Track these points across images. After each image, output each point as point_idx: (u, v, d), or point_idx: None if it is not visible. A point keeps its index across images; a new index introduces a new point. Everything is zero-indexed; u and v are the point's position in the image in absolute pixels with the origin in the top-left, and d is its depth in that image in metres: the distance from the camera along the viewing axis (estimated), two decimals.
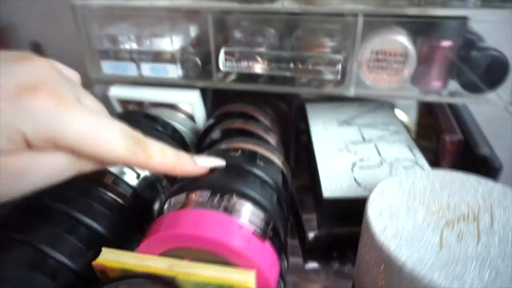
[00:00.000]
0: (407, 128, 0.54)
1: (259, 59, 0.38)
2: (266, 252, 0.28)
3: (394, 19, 0.37)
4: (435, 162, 0.44)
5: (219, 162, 0.29)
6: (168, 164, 0.23)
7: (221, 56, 0.38)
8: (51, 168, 0.20)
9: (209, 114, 0.48)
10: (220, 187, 0.30)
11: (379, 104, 0.52)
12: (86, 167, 0.22)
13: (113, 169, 0.34)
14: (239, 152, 0.35)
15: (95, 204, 0.30)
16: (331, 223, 0.36)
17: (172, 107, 0.48)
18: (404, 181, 0.30)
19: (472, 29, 0.40)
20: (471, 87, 0.36)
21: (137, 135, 0.22)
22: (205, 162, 0.27)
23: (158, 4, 0.40)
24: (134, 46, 0.43)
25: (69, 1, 0.41)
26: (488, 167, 0.37)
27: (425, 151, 0.42)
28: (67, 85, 0.20)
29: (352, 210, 0.32)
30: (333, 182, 0.37)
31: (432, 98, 0.38)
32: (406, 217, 0.26)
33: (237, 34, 0.41)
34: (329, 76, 0.37)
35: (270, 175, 0.33)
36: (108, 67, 0.45)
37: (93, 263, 0.27)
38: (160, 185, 0.38)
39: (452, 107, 0.45)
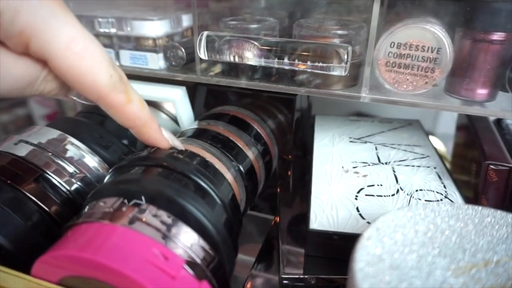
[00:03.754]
0: (441, 156, 0.43)
1: (248, 47, 0.30)
2: None
3: (425, 3, 0.28)
4: (474, 200, 0.33)
5: (179, 145, 0.26)
6: (142, 118, 0.21)
7: (203, 41, 0.31)
8: (16, 75, 0.17)
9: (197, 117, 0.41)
10: (156, 196, 0.22)
11: (407, 123, 0.42)
12: (50, 90, 0.19)
13: (43, 164, 0.27)
14: (186, 154, 0.27)
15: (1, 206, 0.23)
16: (317, 265, 0.26)
17: (155, 105, 0.41)
18: (420, 217, 0.21)
19: None
20: None
21: (121, 72, 0.20)
22: (169, 137, 0.25)
23: None
24: (114, 30, 0.37)
25: None
26: None
27: (461, 187, 0.32)
28: None
29: (347, 251, 0.22)
30: (327, 211, 0.27)
31: (474, 110, 0.28)
32: (413, 275, 0.16)
33: (231, 21, 0.34)
34: (335, 72, 0.29)
35: (220, 191, 0.25)
36: None
37: None
38: None
39: (501, 128, 0.35)
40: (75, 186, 0.27)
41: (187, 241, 0.22)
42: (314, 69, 0.29)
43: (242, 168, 0.31)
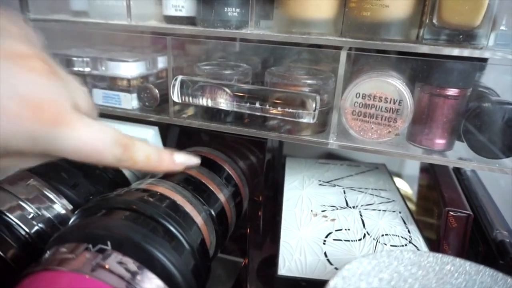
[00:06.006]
0: (406, 199, 0.45)
1: (221, 93, 0.31)
2: None
3: (387, 58, 0.30)
4: (437, 242, 0.34)
5: (194, 161, 0.28)
6: (150, 166, 0.24)
7: (176, 85, 0.32)
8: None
9: None
10: (123, 241, 0.22)
11: (374, 167, 0.44)
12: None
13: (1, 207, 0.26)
14: (157, 197, 0.27)
15: None
16: None
17: None
18: (385, 265, 0.21)
19: (483, 83, 0.33)
20: (482, 150, 0.28)
21: (126, 141, 0.22)
22: (182, 160, 0.27)
23: (113, 22, 0.34)
24: (88, 69, 0.37)
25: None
26: (506, 257, 0.28)
27: (425, 229, 0.33)
28: (64, 90, 0.20)
29: None
30: (296, 256, 0.28)
31: (433, 159, 0.30)
32: None
33: (206, 66, 0.35)
34: (304, 119, 0.30)
35: (189, 236, 0.25)
36: None
37: None
38: None
39: (460, 174, 0.37)
40: (35, 228, 0.26)
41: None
42: (284, 116, 0.30)
43: (213, 212, 0.30)
